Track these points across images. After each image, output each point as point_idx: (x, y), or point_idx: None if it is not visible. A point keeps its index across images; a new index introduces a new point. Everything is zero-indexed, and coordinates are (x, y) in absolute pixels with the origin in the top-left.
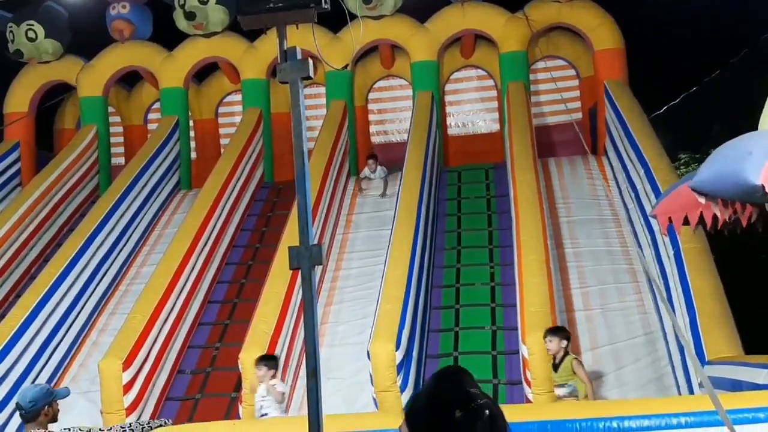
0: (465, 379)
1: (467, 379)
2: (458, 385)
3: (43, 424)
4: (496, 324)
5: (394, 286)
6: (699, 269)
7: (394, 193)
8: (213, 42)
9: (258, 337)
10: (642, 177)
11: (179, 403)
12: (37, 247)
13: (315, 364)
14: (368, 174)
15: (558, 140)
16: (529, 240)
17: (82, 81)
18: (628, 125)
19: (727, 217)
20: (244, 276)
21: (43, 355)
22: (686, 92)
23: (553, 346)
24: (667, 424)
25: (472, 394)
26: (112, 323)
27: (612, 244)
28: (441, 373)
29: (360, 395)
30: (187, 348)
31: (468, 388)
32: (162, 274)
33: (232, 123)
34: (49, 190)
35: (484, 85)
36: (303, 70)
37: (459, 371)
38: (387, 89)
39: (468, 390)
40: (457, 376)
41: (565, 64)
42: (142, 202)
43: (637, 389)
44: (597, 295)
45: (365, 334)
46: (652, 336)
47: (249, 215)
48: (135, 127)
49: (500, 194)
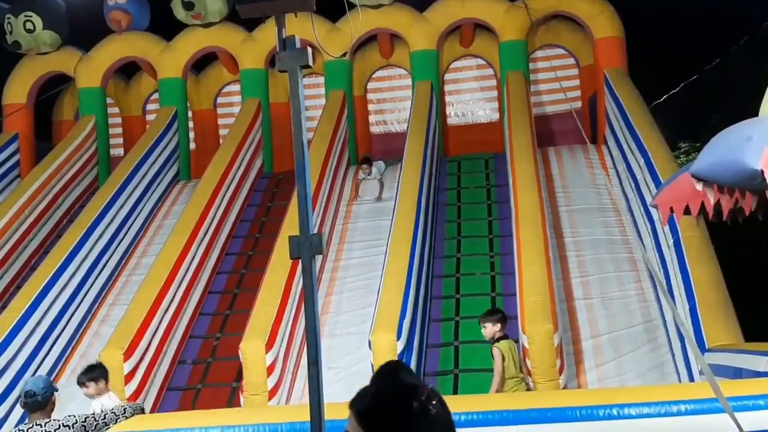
0: (409, 373)
1: (410, 372)
2: (406, 379)
3: (48, 412)
4: None
5: (394, 276)
6: (699, 258)
7: (390, 197)
8: (211, 32)
9: (259, 327)
10: (642, 166)
11: (181, 393)
12: (37, 239)
13: (316, 353)
14: (364, 176)
15: (558, 129)
16: (529, 229)
17: (80, 72)
18: (627, 114)
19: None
20: (244, 266)
21: (44, 346)
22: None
23: (486, 332)
24: (667, 412)
25: (420, 385)
26: (113, 314)
27: (612, 233)
28: (386, 370)
29: (361, 384)
30: (188, 338)
31: (414, 381)
32: (162, 264)
33: (230, 113)
34: (48, 182)
35: (483, 74)
36: (302, 59)
37: (400, 367)
38: (386, 79)
39: (415, 382)
40: (401, 372)
41: (564, 53)
42: (142, 192)
43: (637, 377)
44: (597, 284)
45: (366, 323)
46: (652, 324)
47: (248, 206)
48: (134, 118)
49: (500, 184)
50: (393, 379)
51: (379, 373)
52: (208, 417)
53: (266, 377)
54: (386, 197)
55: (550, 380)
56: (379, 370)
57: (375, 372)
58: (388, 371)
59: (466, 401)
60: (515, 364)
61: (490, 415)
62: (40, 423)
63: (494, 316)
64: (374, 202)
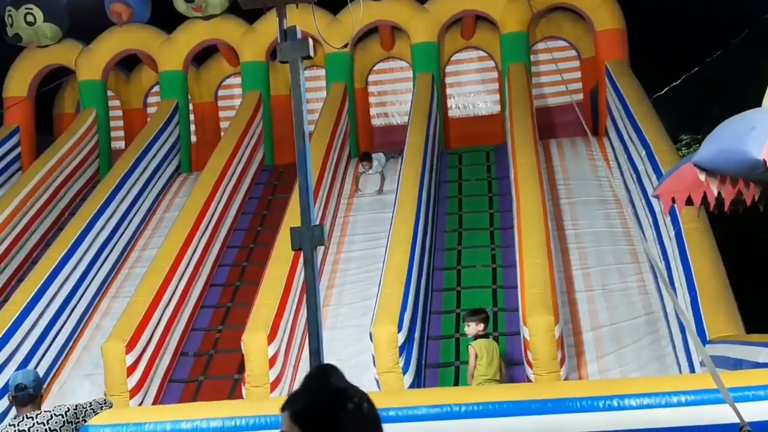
0: (340, 376)
1: (341, 375)
2: (338, 381)
3: (38, 405)
4: (498, 306)
5: (395, 269)
6: (700, 249)
7: (392, 190)
8: (212, 24)
9: (260, 319)
10: (643, 158)
11: (182, 385)
12: (39, 232)
13: (318, 344)
14: (364, 171)
15: (559, 121)
16: (530, 221)
17: (81, 65)
18: (629, 106)
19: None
20: (245, 259)
21: (46, 339)
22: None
23: (470, 330)
24: (668, 402)
25: (351, 387)
26: (115, 307)
27: (613, 225)
28: (319, 374)
29: (362, 377)
30: (190, 331)
31: (346, 384)
32: (164, 257)
33: (231, 106)
34: (50, 175)
35: (484, 66)
36: (303, 50)
37: (332, 369)
38: (387, 71)
39: (346, 384)
40: (333, 375)
41: (566, 45)
42: (143, 185)
43: (638, 369)
44: (598, 276)
45: (367, 316)
46: (653, 316)
47: (250, 198)
48: (134, 111)
49: (501, 176)
50: (326, 381)
51: (311, 376)
52: (210, 408)
53: (268, 369)
54: (387, 190)
55: (550, 372)
56: (311, 374)
57: (306, 375)
58: (321, 374)
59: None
60: (488, 364)
61: (490, 406)
62: (31, 415)
63: (478, 316)
64: (375, 195)
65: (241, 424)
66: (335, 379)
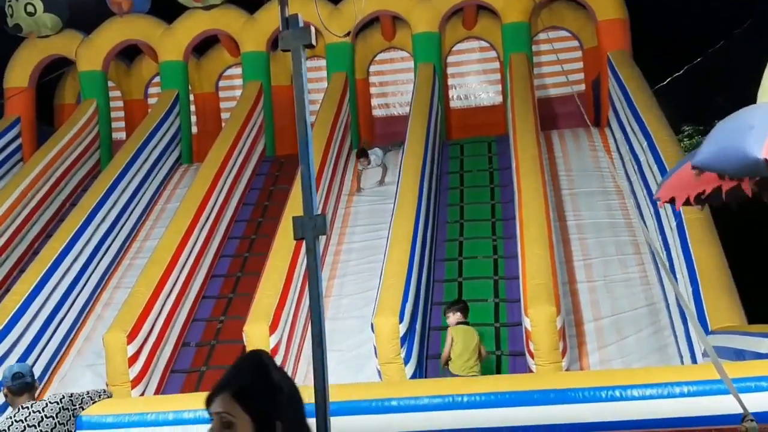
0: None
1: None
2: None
3: (33, 396)
4: (499, 296)
5: (397, 260)
6: (702, 240)
7: (393, 181)
8: (212, 14)
9: (262, 310)
10: (645, 149)
11: (185, 376)
12: (40, 223)
13: (320, 333)
14: (363, 167)
15: (561, 112)
16: (532, 212)
17: (81, 55)
18: (631, 97)
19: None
20: (247, 250)
21: (47, 329)
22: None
23: (450, 320)
24: (670, 393)
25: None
26: (116, 297)
27: (615, 216)
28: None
29: (364, 367)
30: (192, 321)
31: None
32: (165, 248)
33: (232, 97)
34: (51, 165)
35: (486, 56)
36: (305, 38)
37: (267, 355)
38: (388, 62)
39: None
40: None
41: (567, 35)
42: (144, 176)
43: (639, 360)
44: (600, 267)
45: (368, 307)
46: (654, 307)
47: (251, 189)
48: (135, 102)
49: (503, 167)
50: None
51: (248, 359)
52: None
53: None
54: (389, 181)
55: (552, 363)
56: (248, 357)
57: (241, 359)
58: (259, 359)
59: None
60: (462, 350)
61: (492, 396)
62: (26, 405)
63: (456, 306)
64: (377, 186)
65: None
66: (270, 364)
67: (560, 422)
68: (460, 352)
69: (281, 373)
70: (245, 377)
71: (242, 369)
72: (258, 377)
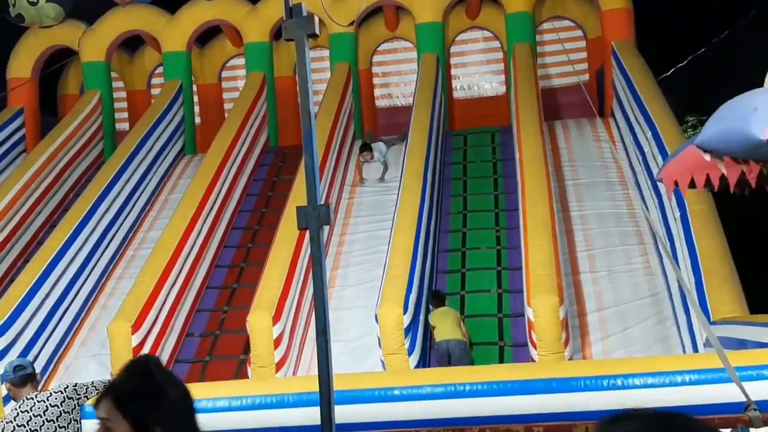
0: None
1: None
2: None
3: (35, 387)
4: (502, 287)
5: (400, 251)
6: (705, 230)
7: (395, 177)
8: (215, 5)
9: (265, 300)
10: (649, 139)
11: (189, 365)
12: (44, 213)
13: (324, 323)
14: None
15: (564, 102)
16: (535, 203)
17: (84, 46)
18: (635, 87)
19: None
20: (250, 240)
21: (52, 319)
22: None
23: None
24: (672, 382)
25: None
26: (121, 287)
27: (619, 207)
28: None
29: (367, 357)
30: (196, 311)
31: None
32: (169, 238)
33: (235, 87)
34: (54, 156)
35: (490, 46)
36: (308, 27)
37: (154, 360)
38: (391, 52)
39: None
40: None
41: (571, 25)
42: (147, 167)
43: (642, 349)
44: (603, 258)
45: (372, 297)
46: (657, 297)
47: (254, 180)
48: (138, 92)
49: (506, 158)
50: (149, 370)
51: (134, 365)
52: (217, 388)
53: (273, 350)
54: (389, 178)
55: (555, 353)
56: (134, 363)
57: (128, 364)
58: (144, 364)
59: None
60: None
61: (495, 385)
62: (31, 396)
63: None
64: (377, 183)
65: (247, 403)
66: (157, 369)
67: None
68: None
69: (169, 379)
70: (127, 383)
71: (126, 374)
72: (140, 382)
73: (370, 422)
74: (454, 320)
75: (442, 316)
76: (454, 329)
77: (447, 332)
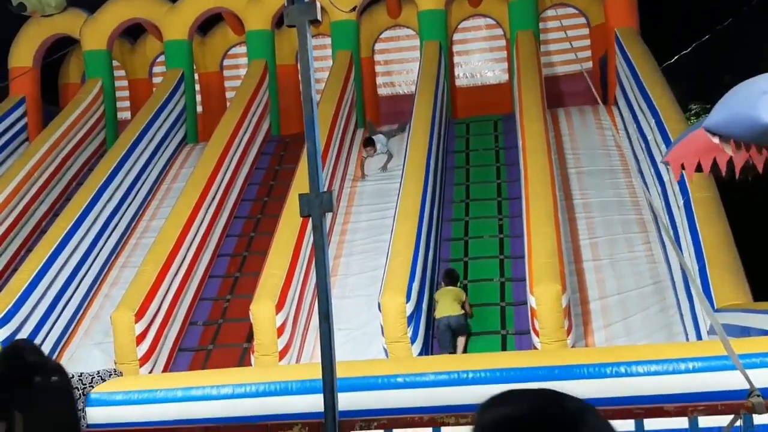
0: (35, 350)
1: (35, 349)
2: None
3: None
4: (505, 276)
5: (403, 239)
6: (709, 218)
7: (397, 166)
8: None
9: (268, 288)
10: (653, 127)
11: (192, 354)
12: (47, 202)
13: (327, 309)
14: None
15: (568, 90)
16: (538, 191)
17: (85, 34)
18: (639, 74)
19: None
20: (253, 229)
21: (55, 308)
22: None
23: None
24: (676, 369)
25: (44, 360)
26: (124, 276)
27: (622, 195)
28: (10, 350)
29: (370, 346)
30: (199, 300)
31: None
32: (171, 227)
33: (237, 75)
34: (56, 145)
35: (492, 34)
36: (310, 13)
37: (25, 344)
38: (394, 39)
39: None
40: (26, 349)
41: (575, 12)
42: (150, 156)
43: (645, 337)
44: (606, 246)
45: (374, 286)
46: (660, 285)
47: (257, 169)
48: (140, 81)
49: (509, 146)
50: (17, 356)
51: (2, 353)
52: (220, 376)
53: (276, 338)
54: (392, 166)
55: (557, 341)
56: (3, 351)
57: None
58: (12, 350)
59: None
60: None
61: (497, 373)
62: None
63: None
64: (380, 172)
65: (250, 391)
66: (28, 354)
67: None
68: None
69: (44, 363)
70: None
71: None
72: (6, 369)
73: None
74: (454, 297)
75: (444, 293)
76: (453, 305)
77: (445, 309)
